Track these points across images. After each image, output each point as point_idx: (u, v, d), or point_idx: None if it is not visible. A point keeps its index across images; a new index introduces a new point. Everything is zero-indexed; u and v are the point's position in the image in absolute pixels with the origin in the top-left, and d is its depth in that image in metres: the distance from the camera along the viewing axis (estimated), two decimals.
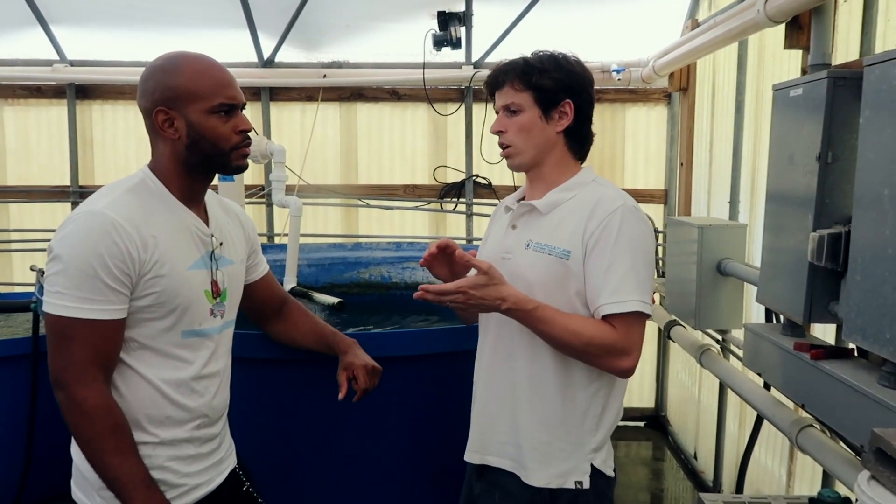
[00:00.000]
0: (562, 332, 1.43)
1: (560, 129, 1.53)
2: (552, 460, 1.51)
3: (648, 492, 3.44)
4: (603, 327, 1.44)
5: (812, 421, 1.89)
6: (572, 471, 1.51)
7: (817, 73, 1.71)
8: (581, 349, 1.44)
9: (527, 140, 1.53)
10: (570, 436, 1.51)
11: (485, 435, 1.60)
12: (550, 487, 1.50)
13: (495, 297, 1.40)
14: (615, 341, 1.43)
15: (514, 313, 1.43)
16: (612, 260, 1.44)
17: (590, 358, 1.46)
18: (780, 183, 1.92)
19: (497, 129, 1.56)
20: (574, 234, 1.48)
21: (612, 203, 1.48)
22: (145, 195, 1.41)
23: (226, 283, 1.51)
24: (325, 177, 4.29)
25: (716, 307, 2.62)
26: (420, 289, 1.40)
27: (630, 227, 1.46)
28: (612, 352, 1.44)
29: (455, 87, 4.20)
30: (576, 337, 1.43)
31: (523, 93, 1.51)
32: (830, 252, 1.61)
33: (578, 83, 1.53)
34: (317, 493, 2.21)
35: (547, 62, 1.51)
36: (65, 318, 1.30)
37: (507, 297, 1.41)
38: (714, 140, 3.47)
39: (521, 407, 1.53)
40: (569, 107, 1.52)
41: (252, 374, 1.93)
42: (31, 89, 4.21)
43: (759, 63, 2.91)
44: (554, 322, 1.43)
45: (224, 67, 1.45)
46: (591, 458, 1.52)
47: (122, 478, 1.33)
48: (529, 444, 1.52)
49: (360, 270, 3.72)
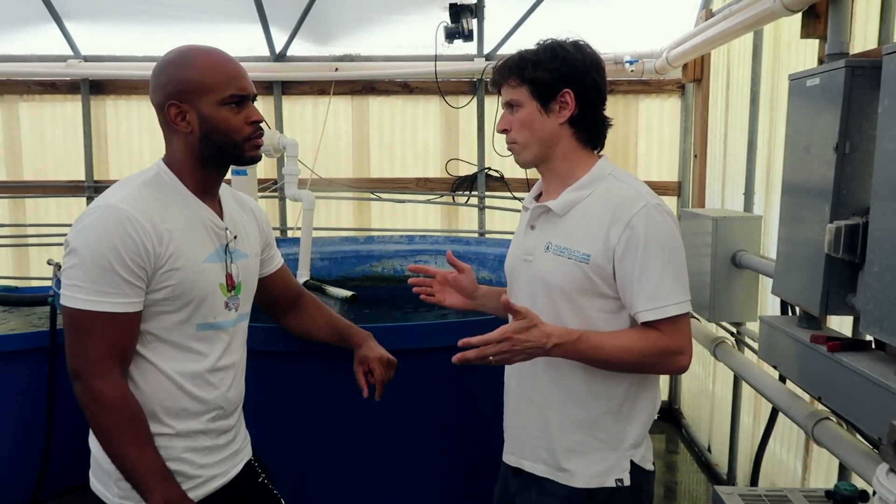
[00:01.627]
0: (615, 352, 1.40)
1: (562, 121, 1.48)
2: (591, 460, 1.48)
3: (662, 484, 3.43)
4: (650, 334, 1.41)
5: (828, 413, 1.87)
6: (612, 469, 1.48)
7: (835, 63, 1.70)
8: (637, 362, 1.42)
9: (529, 135, 1.49)
10: (607, 434, 1.48)
11: (519, 438, 1.58)
12: (590, 487, 1.48)
13: (540, 336, 1.36)
14: (668, 345, 1.41)
15: (563, 348, 1.38)
16: (645, 265, 1.39)
17: (648, 368, 1.45)
18: (796, 174, 1.90)
19: (501, 127, 1.54)
20: (595, 239, 1.43)
21: (635, 205, 1.42)
22: (160, 189, 1.41)
23: (240, 276, 1.52)
24: (337, 170, 4.30)
25: (730, 299, 2.60)
26: (461, 343, 1.37)
27: (657, 228, 1.41)
28: (668, 355, 1.41)
29: (467, 80, 4.19)
30: (629, 353, 1.40)
31: (519, 88, 1.48)
32: (848, 243, 1.59)
33: (577, 70, 1.47)
34: (332, 485, 2.22)
35: (542, 53, 1.47)
36: (82, 311, 1.32)
37: (552, 333, 1.37)
38: (728, 131, 3.44)
39: (553, 411, 1.50)
40: (569, 96, 1.47)
41: (267, 366, 1.94)
42: (46, 84, 4.24)
43: (774, 53, 2.88)
44: (604, 346, 1.40)
45: (234, 59, 1.46)
46: (631, 455, 1.49)
47: (139, 469, 1.34)
48: (564, 445, 1.49)
49: (373, 264, 3.73)
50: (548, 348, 1.37)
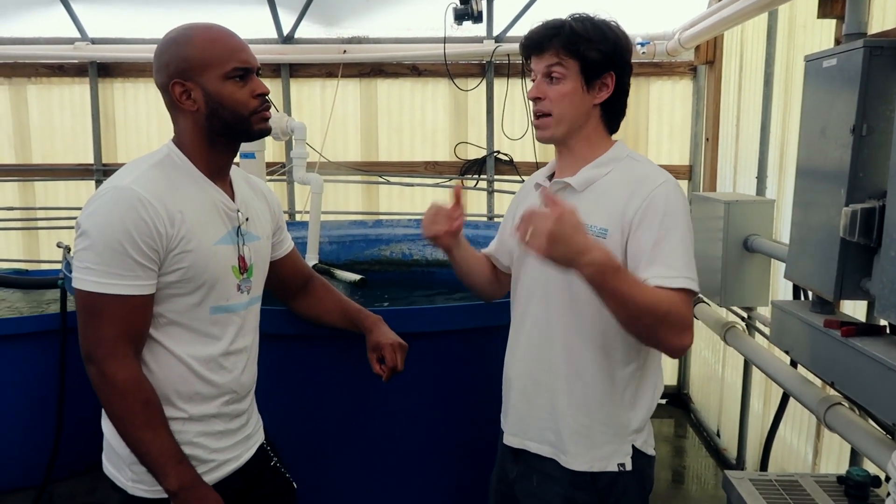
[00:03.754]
0: (647, 297, 1.29)
1: (598, 102, 1.47)
2: (594, 444, 1.47)
3: (670, 469, 3.44)
4: (675, 297, 1.32)
5: (840, 399, 1.86)
6: (614, 454, 1.48)
7: (853, 43, 1.66)
8: (661, 318, 1.30)
9: (565, 111, 1.46)
10: (610, 419, 1.48)
11: (524, 420, 1.56)
12: (593, 471, 1.47)
13: (583, 241, 1.25)
14: (675, 311, 1.32)
15: (599, 267, 1.25)
16: (661, 235, 1.36)
17: (661, 331, 1.32)
18: (811, 157, 1.88)
19: (535, 94, 1.48)
20: (612, 214, 1.41)
21: (656, 180, 1.41)
22: (171, 170, 1.41)
23: (252, 258, 1.51)
24: (345, 153, 4.28)
25: (741, 284, 2.59)
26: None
27: (676, 203, 1.39)
28: (683, 325, 1.33)
29: (476, 62, 4.15)
30: (657, 306, 1.30)
31: (569, 60, 1.44)
32: (864, 227, 1.57)
33: (622, 55, 1.46)
34: (343, 468, 2.23)
35: (593, 31, 1.44)
36: (94, 294, 1.31)
37: (594, 247, 1.27)
38: (741, 114, 3.40)
39: (561, 391, 1.49)
40: (611, 79, 1.46)
41: (278, 350, 1.95)
42: (54, 67, 4.23)
43: (789, 34, 2.84)
44: (638, 284, 1.30)
45: (235, 34, 1.44)
46: (633, 440, 1.49)
47: (153, 452, 1.35)
48: (570, 428, 1.48)
49: (381, 247, 3.73)
50: (584, 259, 1.25)
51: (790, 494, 1.69)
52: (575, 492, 1.48)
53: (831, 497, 1.67)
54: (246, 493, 1.55)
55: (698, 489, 3.29)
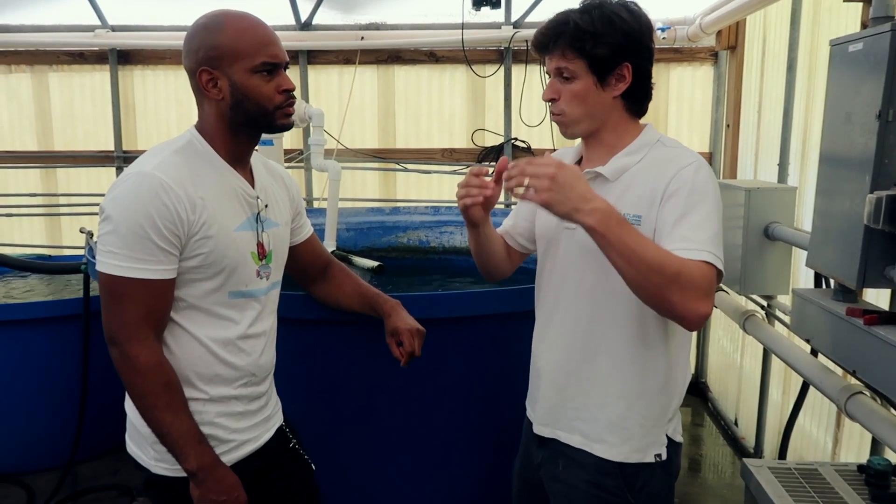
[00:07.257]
0: (656, 253, 1.24)
1: (617, 94, 1.42)
2: (632, 436, 1.45)
3: (688, 457, 3.43)
4: (690, 262, 1.27)
5: (861, 388, 1.85)
6: (651, 445, 1.45)
7: (880, 27, 1.63)
8: (672, 278, 1.24)
9: (581, 110, 1.42)
10: (648, 410, 1.45)
11: (555, 410, 1.53)
12: (630, 462, 1.45)
13: (586, 188, 1.23)
14: (693, 277, 1.26)
15: (603, 215, 1.22)
16: (685, 210, 1.33)
17: (672, 293, 1.24)
18: (835, 143, 1.85)
19: (549, 96, 1.45)
20: (642, 196, 1.38)
21: (687, 159, 1.38)
22: (193, 156, 1.42)
23: (271, 244, 1.52)
24: (362, 140, 4.29)
25: (762, 272, 2.56)
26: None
27: (706, 180, 1.36)
28: (698, 289, 1.25)
29: (494, 49, 4.13)
30: (666, 264, 1.24)
31: (576, 60, 1.39)
32: (889, 214, 1.55)
33: (636, 42, 1.40)
34: (361, 451, 2.26)
35: (600, 24, 1.37)
36: (118, 278, 1.33)
37: (597, 196, 1.24)
38: (763, 100, 3.36)
39: (598, 383, 1.46)
40: (627, 70, 1.40)
41: (297, 334, 1.96)
42: (75, 55, 4.27)
43: (814, 18, 2.79)
44: (646, 240, 1.26)
45: (266, 25, 1.43)
46: (667, 429, 1.47)
47: (173, 433, 1.37)
48: (607, 418, 1.45)
49: (399, 235, 3.74)
50: (586, 209, 1.22)
51: (809, 483, 1.68)
52: (601, 478, 1.46)
53: (851, 486, 1.66)
54: (265, 473, 1.57)
55: (715, 477, 3.28)
